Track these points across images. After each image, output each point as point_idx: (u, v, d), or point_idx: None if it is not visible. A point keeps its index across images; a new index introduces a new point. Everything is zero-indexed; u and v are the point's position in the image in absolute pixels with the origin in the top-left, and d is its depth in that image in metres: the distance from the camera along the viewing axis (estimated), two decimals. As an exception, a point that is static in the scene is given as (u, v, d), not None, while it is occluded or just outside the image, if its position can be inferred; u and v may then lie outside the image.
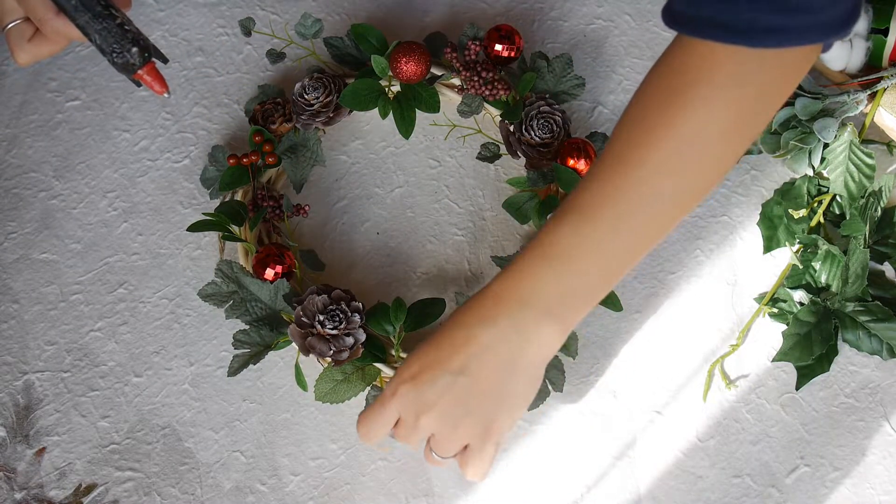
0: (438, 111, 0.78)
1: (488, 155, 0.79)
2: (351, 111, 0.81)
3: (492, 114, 0.80)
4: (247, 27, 0.82)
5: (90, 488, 0.72)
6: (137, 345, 0.76)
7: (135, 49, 0.58)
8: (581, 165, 0.75)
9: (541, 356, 0.59)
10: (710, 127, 0.55)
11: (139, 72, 0.59)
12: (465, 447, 0.62)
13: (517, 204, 0.77)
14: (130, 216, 0.80)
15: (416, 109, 0.78)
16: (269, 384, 0.74)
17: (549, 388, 0.71)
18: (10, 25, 0.59)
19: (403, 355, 0.72)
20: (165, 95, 0.61)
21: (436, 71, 0.80)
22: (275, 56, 0.82)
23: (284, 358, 0.75)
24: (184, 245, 0.79)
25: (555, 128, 0.77)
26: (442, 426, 0.60)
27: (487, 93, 0.78)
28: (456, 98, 0.80)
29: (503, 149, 0.79)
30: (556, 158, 0.76)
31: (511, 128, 0.78)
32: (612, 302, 0.72)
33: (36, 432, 0.74)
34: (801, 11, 0.50)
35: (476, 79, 0.77)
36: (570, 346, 0.72)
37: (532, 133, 0.76)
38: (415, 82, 0.78)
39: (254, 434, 0.73)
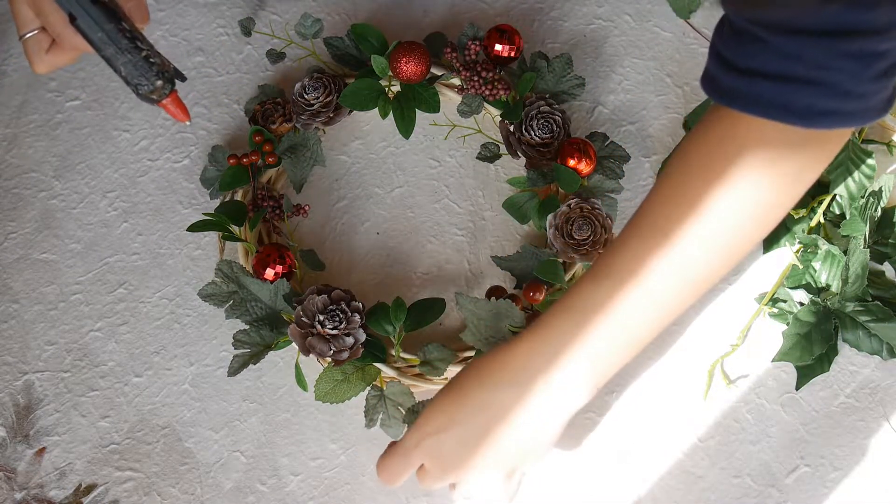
0: (438, 111, 0.78)
1: (488, 155, 0.79)
2: (351, 111, 0.81)
3: (492, 114, 0.80)
4: (247, 27, 0.82)
5: (90, 488, 0.72)
6: (137, 345, 0.76)
7: (160, 82, 0.59)
8: (581, 165, 0.75)
9: (567, 414, 0.60)
10: (750, 199, 0.56)
11: (163, 101, 0.60)
12: None
13: (517, 204, 0.77)
14: (130, 216, 0.80)
15: (416, 109, 0.78)
16: (269, 384, 0.74)
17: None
18: (27, 35, 0.59)
19: (404, 355, 0.72)
20: (187, 123, 0.61)
21: (436, 71, 0.80)
22: (275, 56, 0.82)
23: (284, 358, 0.75)
24: (184, 245, 0.79)
25: (555, 128, 0.77)
26: (467, 477, 0.61)
27: (487, 93, 0.78)
28: (456, 98, 0.80)
29: (503, 149, 0.79)
30: (556, 158, 0.76)
31: (511, 128, 0.78)
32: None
33: (36, 432, 0.74)
34: (854, 98, 0.52)
35: (476, 79, 0.77)
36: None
37: (532, 133, 0.76)
38: (415, 82, 0.78)
39: (254, 434, 0.73)
